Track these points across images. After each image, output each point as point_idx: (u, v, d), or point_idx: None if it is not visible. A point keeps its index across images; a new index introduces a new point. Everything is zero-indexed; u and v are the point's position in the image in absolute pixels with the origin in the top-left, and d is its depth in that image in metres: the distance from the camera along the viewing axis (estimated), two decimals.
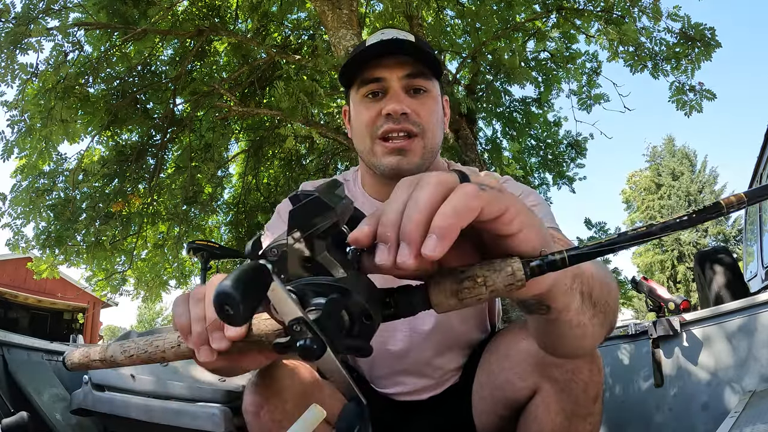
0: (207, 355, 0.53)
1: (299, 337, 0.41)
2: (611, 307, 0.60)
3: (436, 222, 0.37)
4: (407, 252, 0.38)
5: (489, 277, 0.42)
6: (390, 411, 1.04)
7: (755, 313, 1.80)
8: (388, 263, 0.39)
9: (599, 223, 5.25)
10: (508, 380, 0.88)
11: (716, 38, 4.04)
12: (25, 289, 13.01)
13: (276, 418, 0.80)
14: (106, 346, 0.65)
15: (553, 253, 0.41)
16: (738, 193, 0.41)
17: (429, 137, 0.93)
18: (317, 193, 0.42)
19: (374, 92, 0.94)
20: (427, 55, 0.91)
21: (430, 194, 0.38)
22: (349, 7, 3.52)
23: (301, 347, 0.41)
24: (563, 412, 0.82)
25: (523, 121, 5.33)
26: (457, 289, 0.43)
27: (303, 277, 0.43)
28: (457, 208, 0.37)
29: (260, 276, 0.40)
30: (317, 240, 0.43)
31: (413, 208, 0.38)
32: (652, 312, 2.42)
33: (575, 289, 0.51)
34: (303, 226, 0.42)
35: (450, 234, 0.37)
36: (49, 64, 4.14)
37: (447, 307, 0.43)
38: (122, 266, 5.56)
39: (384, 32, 0.96)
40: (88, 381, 1.83)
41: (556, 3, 4.40)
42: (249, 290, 0.39)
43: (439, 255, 0.36)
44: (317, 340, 0.40)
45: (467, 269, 0.43)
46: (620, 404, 2.22)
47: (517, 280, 0.41)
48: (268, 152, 5.95)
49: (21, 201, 4.58)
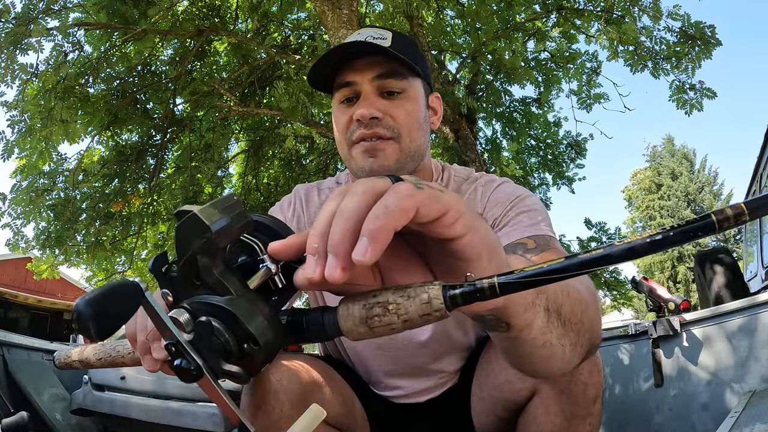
0: (150, 364, 0.55)
1: (177, 357, 0.40)
2: (586, 326, 0.54)
3: (366, 225, 0.34)
4: (334, 263, 0.35)
5: (401, 305, 0.37)
6: (388, 413, 1.03)
7: (755, 313, 1.80)
8: (315, 277, 0.36)
9: (599, 223, 5.24)
10: (508, 381, 0.87)
11: (716, 36, 4.04)
12: (25, 289, 13.01)
13: (273, 420, 0.79)
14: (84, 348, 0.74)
15: (481, 279, 0.35)
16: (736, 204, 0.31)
17: (405, 140, 0.89)
18: (195, 211, 0.39)
19: (348, 98, 0.90)
20: (398, 54, 0.85)
21: (357, 202, 0.36)
22: (349, 7, 3.52)
23: (176, 367, 0.40)
24: (563, 413, 0.81)
25: (523, 121, 5.33)
26: (366, 316, 0.38)
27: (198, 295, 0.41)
28: (389, 208, 0.34)
29: (128, 294, 0.41)
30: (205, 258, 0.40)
31: (340, 217, 0.36)
32: (652, 312, 2.42)
33: (538, 305, 0.46)
34: (180, 246, 0.40)
35: (381, 237, 0.33)
36: (49, 64, 4.14)
37: (358, 335, 0.39)
38: (122, 266, 5.56)
39: (360, 32, 0.93)
40: (88, 381, 1.83)
41: (556, 3, 4.40)
42: (106, 308, 0.40)
43: (370, 261, 0.33)
44: (193, 362, 0.40)
45: (379, 293, 0.38)
46: (620, 404, 2.22)
47: (434, 309, 0.36)
48: (268, 152, 5.95)
49: (21, 201, 4.58)
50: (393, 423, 1.03)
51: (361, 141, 0.88)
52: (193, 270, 0.40)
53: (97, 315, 0.39)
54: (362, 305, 0.38)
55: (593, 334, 0.57)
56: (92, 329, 0.39)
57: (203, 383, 0.40)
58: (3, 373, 1.92)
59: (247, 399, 0.82)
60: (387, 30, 0.91)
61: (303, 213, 1.02)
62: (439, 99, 1.01)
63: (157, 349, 0.54)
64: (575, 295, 0.53)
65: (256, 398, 0.81)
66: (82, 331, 0.39)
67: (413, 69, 0.90)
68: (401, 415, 1.04)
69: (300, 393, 0.82)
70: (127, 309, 0.41)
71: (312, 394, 0.84)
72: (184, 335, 0.40)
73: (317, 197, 1.04)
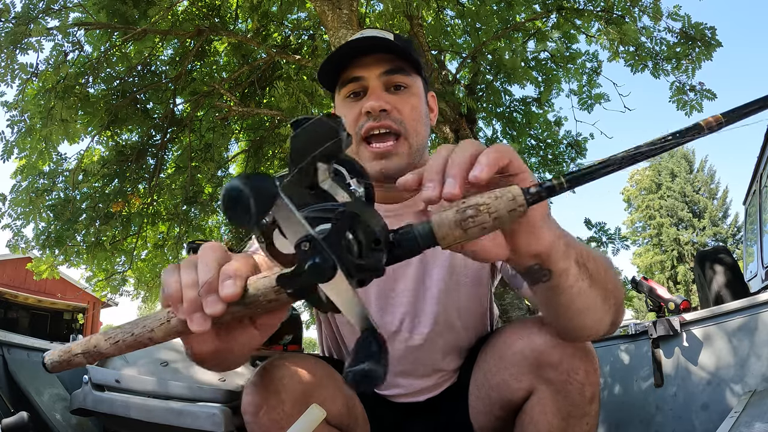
0: (200, 322, 0.48)
1: (307, 257, 0.38)
2: (611, 285, 0.65)
3: (482, 159, 0.46)
4: (453, 182, 0.44)
5: (491, 204, 0.43)
6: (388, 413, 1.04)
7: (755, 313, 1.80)
8: (434, 194, 0.45)
9: (599, 224, 5.24)
10: (504, 381, 0.88)
11: (716, 37, 4.04)
12: (25, 289, 13.01)
13: (275, 419, 0.79)
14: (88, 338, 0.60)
15: (550, 179, 0.45)
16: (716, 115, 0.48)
17: (413, 136, 0.92)
18: (321, 116, 0.41)
19: (355, 92, 0.93)
20: (404, 50, 0.90)
21: (471, 149, 0.48)
22: (349, 7, 3.52)
23: (311, 266, 0.38)
24: (559, 413, 0.82)
25: (523, 121, 5.32)
26: (461, 219, 0.43)
27: (308, 205, 0.41)
28: (500, 150, 0.48)
29: (269, 185, 0.38)
30: (321, 164, 0.41)
31: (458, 155, 0.47)
32: (652, 312, 2.42)
33: (570, 256, 0.58)
34: (306, 149, 0.40)
35: (495, 164, 0.46)
36: (49, 64, 4.14)
37: (452, 239, 0.43)
38: (122, 266, 5.56)
39: (363, 32, 0.96)
40: (88, 381, 1.83)
41: (556, 3, 4.40)
42: (259, 190, 0.37)
43: (486, 177, 0.44)
44: (328, 258, 0.38)
45: (469, 199, 0.44)
46: (620, 404, 2.22)
47: (519, 205, 0.43)
48: (268, 152, 5.95)
49: (21, 201, 4.58)
50: (393, 423, 1.03)
51: (372, 138, 0.91)
52: (309, 177, 0.41)
53: (255, 189, 0.36)
54: (455, 211, 0.43)
55: (618, 294, 0.68)
56: (253, 205, 0.36)
57: (336, 281, 0.40)
58: (3, 373, 1.92)
59: (249, 398, 0.82)
60: (388, 31, 0.95)
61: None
62: (434, 98, 1.04)
63: (212, 303, 0.47)
64: (597, 256, 0.64)
65: (258, 398, 0.81)
66: (239, 212, 0.36)
67: (416, 66, 0.93)
68: (400, 415, 1.04)
69: (302, 393, 0.82)
70: (268, 197, 0.38)
71: (313, 394, 0.84)
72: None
73: None
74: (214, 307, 0.47)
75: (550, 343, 0.81)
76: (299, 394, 0.81)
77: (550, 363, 0.81)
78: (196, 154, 5.12)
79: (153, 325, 0.53)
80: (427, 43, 4.83)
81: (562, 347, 0.81)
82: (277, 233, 0.43)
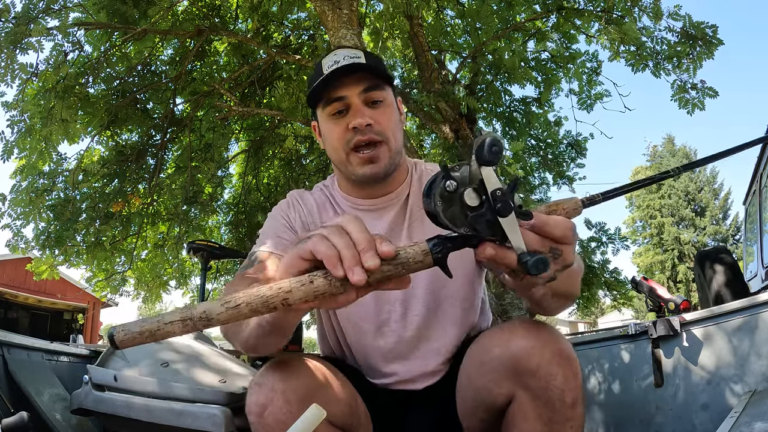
0: (360, 274, 0.54)
1: (497, 200, 0.55)
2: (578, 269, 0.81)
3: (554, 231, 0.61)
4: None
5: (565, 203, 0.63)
6: (387, 403, 1.06)
7: (755, 313, 1.80)
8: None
9: (599, 223, 5.24)
10: (485, 386, 0.90)
11: (717, 36, 4.04)
12: (25, 289, 13.02)
13: (280, 419, 0.80)
14: (201, 304, 0.53)
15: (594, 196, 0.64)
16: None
17: (392, 141, 1.06)
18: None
19: (339, 110, 1.05)
20: (377, 69, 1.04)
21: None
22: (349, 7, 3.52)
23: (499, 207, 0.55)
24: (540, 418, 0.83)
25: (523, 121, 5.32)
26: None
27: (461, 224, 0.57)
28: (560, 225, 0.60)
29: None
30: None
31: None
32: (652, 312, 2.42)
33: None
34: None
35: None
36: (49, 64, 4.13)
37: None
38: (122, 266, 5.55)
39: (336, 53, 1.07)
40: (89, 381, 1.83)
41: (556, 3, 4.39)
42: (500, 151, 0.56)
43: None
44: (512, 202, 0.56)
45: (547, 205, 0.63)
46: (620, 404, 2.22)
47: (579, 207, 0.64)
48: (268, 152, 5.95)
49: (21, 202, 4.57)
50: (393, 413, 1.06)
51: (360, 148, 1.04)
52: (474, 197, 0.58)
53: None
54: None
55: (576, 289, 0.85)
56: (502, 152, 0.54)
57: (510, 218, 0.56)
58: (3, 373, 1.92)
59: (254, 399, 0.83)
60: (358, 50, 1.09)
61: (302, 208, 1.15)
62: (400, 100, 1.18)
63: (372, 257, 0.55)
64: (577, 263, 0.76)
65: (263, 398, 0.82)
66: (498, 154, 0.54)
67: (388, 80, 1.08)
68: (399, 406, 1.07)
69: (305, 392, 0.83)
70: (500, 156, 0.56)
71: (317, 394, 0.85)
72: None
73: (310, 197, 1.18)
74: (374, 260, 0.55)
75: (527, 349, 0.83)
76: (304, 394, 0.82)
77: (528, 369, 0.82)
78: (196, 154, 5.11)
79: (292, 286, 0.54)
80: (427, 43, 4.83)
81: (540, 353, 0.82)
82: (470, 191, 0.57)
